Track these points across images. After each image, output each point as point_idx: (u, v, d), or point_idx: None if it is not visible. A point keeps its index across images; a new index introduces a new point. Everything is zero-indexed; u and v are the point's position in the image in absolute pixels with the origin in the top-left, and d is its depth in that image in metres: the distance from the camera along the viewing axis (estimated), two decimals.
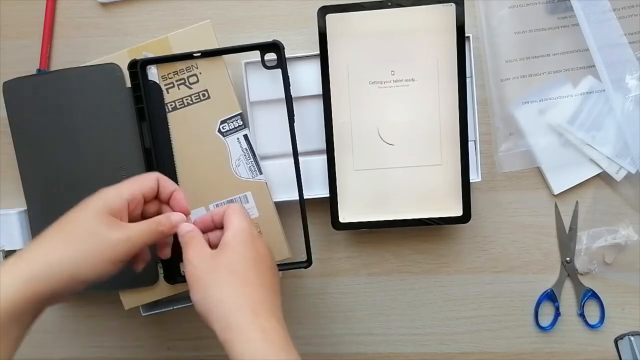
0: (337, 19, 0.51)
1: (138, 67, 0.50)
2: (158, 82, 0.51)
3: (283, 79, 0.49)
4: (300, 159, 0.50)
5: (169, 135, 0.51)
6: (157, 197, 0.45)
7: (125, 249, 0.40)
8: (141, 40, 0.53)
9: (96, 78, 0.51)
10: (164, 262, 0.51)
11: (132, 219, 0.42)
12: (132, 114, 0.51)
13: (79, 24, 0.58)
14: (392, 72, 0.52)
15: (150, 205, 0.45)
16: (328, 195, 0.53)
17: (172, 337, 0.60)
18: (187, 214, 0.45)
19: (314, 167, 0.54)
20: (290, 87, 0.49)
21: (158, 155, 0.51)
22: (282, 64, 0.49)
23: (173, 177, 0.51)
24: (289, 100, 0.49)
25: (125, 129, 0.51)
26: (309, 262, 0.51)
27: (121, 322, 0.60)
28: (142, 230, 0.41)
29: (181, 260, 0.43)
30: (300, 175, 0.50)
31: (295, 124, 0.50)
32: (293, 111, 0.49)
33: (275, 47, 0.49)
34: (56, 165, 0.53)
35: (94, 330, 0.60)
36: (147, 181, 0.44)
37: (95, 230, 0.39)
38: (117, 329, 0.60)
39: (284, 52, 0.49)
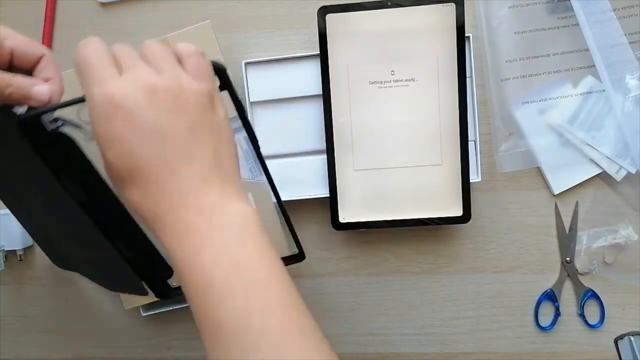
0: (337, 19, 0.51)
1: None
2: None
3: (234, 102, 0.38)
4: (301, 158, 0.50)
5: None
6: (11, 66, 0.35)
7: None
8: (141, 40, 0.53)
9: None
10: (150, 284, 0.42)
11: None
12: None
13: (79, 24, 0.58)
14: (392, 72, 0.52)
15: None
16: (328, 195, 0.53)
17: (172, 337, 0.60)
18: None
19: (314, 167, 0.54)
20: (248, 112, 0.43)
21: None
22: (229, 86, 0.37)
23: None
24: (247, 125, 0.40)
25: None
26: (301, 255, 0.50)
27: (121, 322, 0.60)
28: None
29: (166, 277, 0.39)
30: (273, 182, 0.44)
31: (260, 148, 0.41)
32: (255, 137, 0.40)
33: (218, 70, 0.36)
34: None
35: (94, 330, 0.60)
36: None
37: None
38: (117, 329, 0.60)
39: (228, 75, 0.37)
